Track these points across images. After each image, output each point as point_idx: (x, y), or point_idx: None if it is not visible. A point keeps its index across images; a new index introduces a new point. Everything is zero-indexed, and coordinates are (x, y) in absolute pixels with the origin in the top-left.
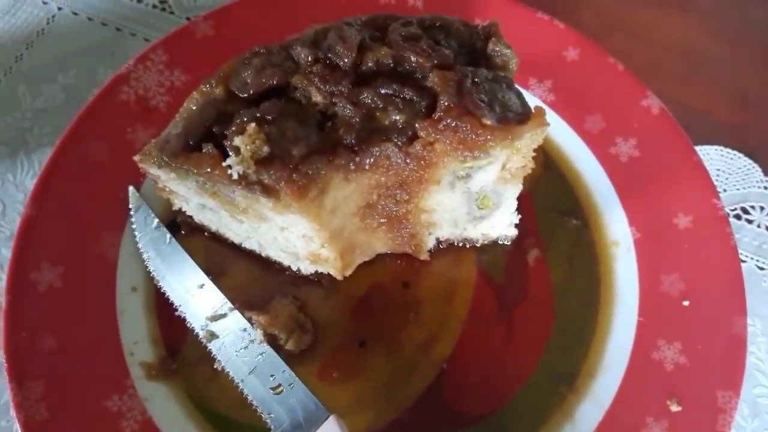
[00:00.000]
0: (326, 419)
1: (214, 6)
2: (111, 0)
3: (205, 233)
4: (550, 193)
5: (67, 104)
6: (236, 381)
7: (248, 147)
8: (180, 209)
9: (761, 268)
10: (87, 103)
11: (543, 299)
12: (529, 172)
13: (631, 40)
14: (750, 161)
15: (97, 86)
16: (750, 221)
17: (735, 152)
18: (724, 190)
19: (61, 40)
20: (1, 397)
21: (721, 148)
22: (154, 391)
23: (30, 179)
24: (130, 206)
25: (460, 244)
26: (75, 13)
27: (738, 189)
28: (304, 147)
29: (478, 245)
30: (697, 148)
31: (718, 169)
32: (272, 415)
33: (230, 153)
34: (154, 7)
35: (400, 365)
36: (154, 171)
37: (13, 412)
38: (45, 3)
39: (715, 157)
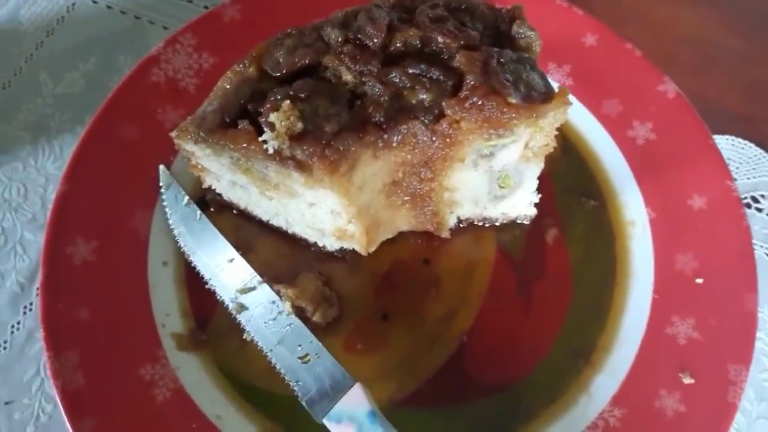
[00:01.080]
0: (352, 387)
1: None
2: None
3: (234, 211)
4: (568, 175)
5: (87, 91)
6: (265, 351)
7: (283, 123)
8: (210, 187)
9: None
10: (118, 83)
11: (561, 277)
12: (551, 151)
13: (645, 31)
14: (760, 151)
15: (117, 73)
16: (760, 210)
17: (746, 142)
18: (735, 179)
19: (81, 27)
20: (24, 374)
21: (732, 137)
22: (185, 361)
23: (51, 164)
24: (161, 184)
25: (480, 223)
26: (94, 2)
27: (748, 178)
28: (336, 124)
29: (497, 224)
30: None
31: (729, 159)
32: (300, 383)
33: (265, 129)
34: None
35: (422, 338)
36: (189, 147)
37: (50, 379)
38: None
39: (725, 147)
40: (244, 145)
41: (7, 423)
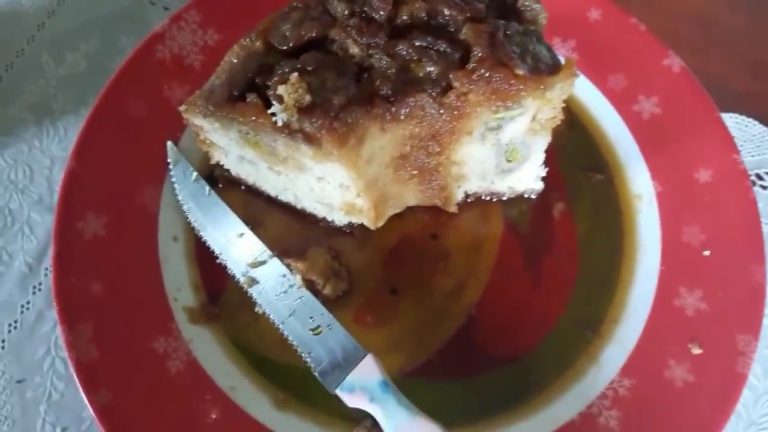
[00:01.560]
0: (364, 358)
1: None
2: None
3: (242, 187)
4: (574, 149)
5: (89, 71)
6: (277, 323)
7: (291, 95)
8: (218, 163)
9: None
10: (124, 60)
11: (568, 250)
12: (558, 123)
13: (649, 9)
14: (765, 128)
15: (119, 54)
16: (764, 187)
17: (750, 119)
18: None
19: (82, 8)
20: (35, 353)
21: (737, 115)
22: (198, 334)
23: (56, 145)
24: (169, 160)
25: (488, 198)
26: None
27: (753, 156)
28: (344, 96)
29: (504, 199)
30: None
31: (733, 137)
32: (312, 355)
33: (273, 102)
34: None
35: (431, 311)
36: (198, 121)
37: (65, 352)
38: None
39: (730, 125)
40: (253, 118)
41: (19, 401)
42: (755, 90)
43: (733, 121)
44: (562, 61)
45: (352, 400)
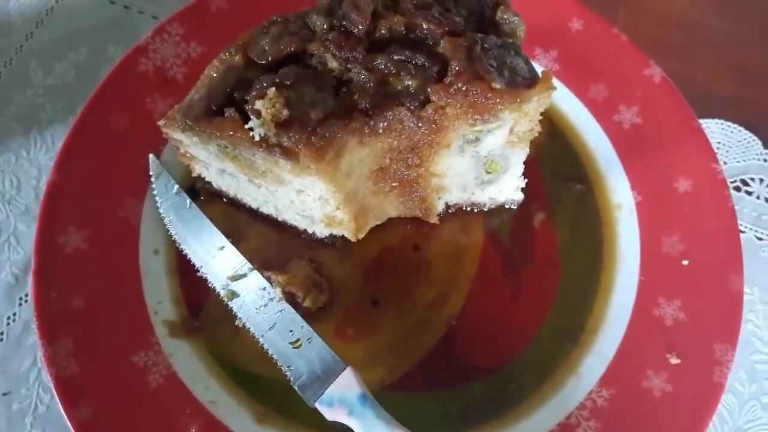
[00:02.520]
0: (343, 371)
1: None
2: None
3: (224, 199)
4: (555, 159)
5: (78, 81)
6: (257, 337)
7: (269, 110)
8: (199, 175)
9: (760, 239)
10: (107, 73)
11: (548, 260)
12: (536, 135)
13: (634, 15)
14: (750, 134)
15: (107, 63)
16: (749, 193)
17: (735, 125)
18: (725, 163)
19: (70, 18)
20: (21, 365)
21: (722, 121)
22: (178, 348)
23: (43, 155)
24: (151, 173)
25: (468, 209)
26: None
27: (738, 161)
28: (322, 111)
29: (485, 209)
30: (699, 121)
31: (719, 142)
32: (291, 368)
33: (251, 116)
34: None
35: (412, 322)
36: (177, 135)
37: (44, 367)
38: None
39: (715, 130)
40: (231, 132)
41: (5, 413)
42: (741, 95)
43: (718, 126)
44: (540, 73)
45: (332, 414)
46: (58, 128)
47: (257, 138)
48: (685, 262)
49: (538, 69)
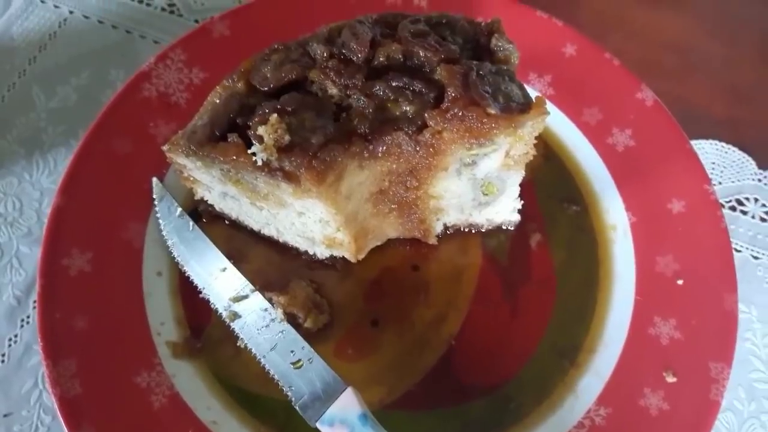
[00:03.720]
0: (344, 391)
1: (222, 7)
2: (120, 3)
3: (226, 221)
4: (550, 182)
5: (80, 104)
6: (258, 357)
7: (271, 136)
8: (202, 198)
9: (756, 258)
10: (111, 98)
11: (545, 280)
12: (531, 158)
13: (628, 39)
14: (744, 155)
15: (109, 87)
16: (744, 212)
17: (729, 146)
18: (720, 183)
19: (72, 42)
20: (22, 387)
21: (716, 142)
22: (180, 368)
23: (46, 178)
24: (154, 196)
25: (466, 230)
26: (86, 17)
27: (733, 182)
28: (322, 136)
29: (483, 230)
30: (693, 142)
31: (714, 163)
32: (293, 388)
33: (254, 141)
34: (163, 9)
35: (411, 342)
36: (181, 160)
37: (48, 388)
38: (57, 7)
39: (710, 151)
40: (234, 157)
41: None
42: (734, 116)
43: (712, 147)
44: (534, 99)
45: None
46: (60, 151)
47: (260, 162)
48: (679, 282)
49: (533, 94)
